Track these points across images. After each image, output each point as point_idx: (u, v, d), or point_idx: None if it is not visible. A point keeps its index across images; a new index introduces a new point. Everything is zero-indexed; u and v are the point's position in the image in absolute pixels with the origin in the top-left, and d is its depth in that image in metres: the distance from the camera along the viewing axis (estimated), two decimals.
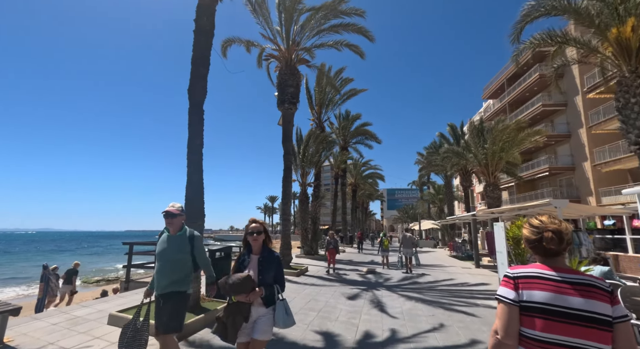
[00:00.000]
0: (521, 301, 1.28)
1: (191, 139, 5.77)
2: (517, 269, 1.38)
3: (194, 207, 5.58)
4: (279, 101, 12.17)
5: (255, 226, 2.58)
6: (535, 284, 1.29)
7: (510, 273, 1.38)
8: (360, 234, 23.56)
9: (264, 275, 2.44)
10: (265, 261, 2.49)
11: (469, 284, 9.26)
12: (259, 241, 2.54)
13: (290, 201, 11.71)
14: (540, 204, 10.13)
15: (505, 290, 1.34)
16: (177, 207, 3.05)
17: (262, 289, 2.38)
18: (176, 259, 2.91)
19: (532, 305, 1.26)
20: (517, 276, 1.34)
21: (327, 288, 8.13)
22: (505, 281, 1.37)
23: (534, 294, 1.27)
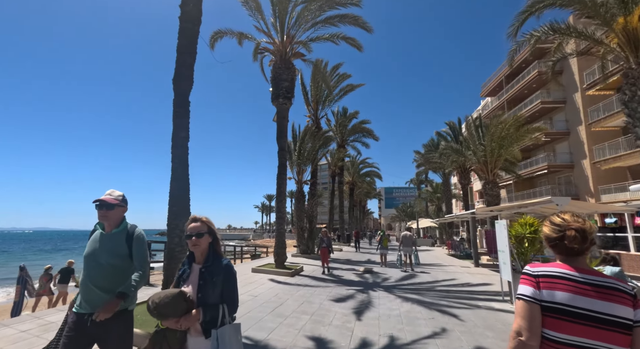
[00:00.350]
0: (542, 301, 1.24)
1: (176, 132, 5.41)
2: (538, 268, 1.32)
3: (179, 204, 5.23)
4: (273, 95, 11.80)
5: (195, 226, 1.91)
6: (558, 284, 1.24)
7: (532, 271, 1.32)
8: (357, 233, 23.08)
9: (205, 292, 1.80)
10: (209, 273, 1.84)
11: (469, 284, 8.97)
12: (200, 245, 1.88)
13: (285, 199, 11.36)
14: (541, 202, 9.84)
15: (528, 288, 1.28)
16: (115, 195, 2.31)
17: (199, 312, 1.75)
18: (111, 266, 2.14)
19: (553, 305, 1.21)
20: (539, 275, 1.29)
21: (322, 289, 7.81)
22: (527, 279, 1.31)
23: (556, 295, 1.22)
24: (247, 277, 9.43)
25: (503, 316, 5.53)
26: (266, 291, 7.36)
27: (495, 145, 16.12)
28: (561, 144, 25.72)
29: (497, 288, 8.30)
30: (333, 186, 26.31)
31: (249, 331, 4.54)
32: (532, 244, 6.33)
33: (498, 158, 16.65)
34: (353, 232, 25.27)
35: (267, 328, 4.71)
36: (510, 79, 31.22)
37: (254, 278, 9.22)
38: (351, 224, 32.53)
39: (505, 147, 16.17)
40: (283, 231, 11.06)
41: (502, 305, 6.32)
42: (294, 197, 16.84)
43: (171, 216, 5.12)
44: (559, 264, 1.32)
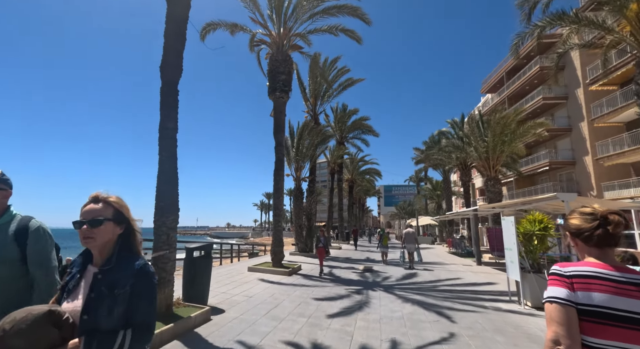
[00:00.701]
0: (578, 304, 1.13)
1: (163, 123, 5.05)
2: (570, 267, 1.20)
3: (166, 199, 4.88)
4: (269, 89, 11.43)
5: (91, 210, 1.25)
6: (594, 285, 1.13)
7: (564, 271, 1.20)
8: (355, 231, 22.72)
9: (96, 310, 1.16)
10: (108, 281, 1.20)
11: (473, 283, 8.66)
12: (97, 239, 1.22)
13: (283, 196, 11.03)
14: (546, 198, 9.52)
15: (561, 290, 1.16)
16: None
17: (80, 344, 1.09)
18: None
19: (591, 309, 1.11)
20: (572, 275, 1.18)
21: (320, 289, 7.49)
22: (558, 280, 1.20)
23: (593, 296, 1.12)
24: (243, 276, 9.10)
25: (512, 318, 5.22)
26: (262, 292, 7.03)
27: (497, 140, 15.81)
28: (563, 140, 25.43)
29: (502, 287, 8.00)
30: (332, 184, 25.95)
31: (240, 336, 4.21)
32: (542, 242, 6.01)
33: (500, 154, 16.34)
34: (352, 230, 24.74)
35: (260, 332, 4.38)
36: (511, 75, 30.89)
37: (250, 277, 8.89)
38: (350, 222, 32.23)
39: (508, 143, 15.86)
40: (280, 229, 10.72)
41: (509, 306, 6.00)
42: (292, 194, 16.48)
43: (158, 212, 4.77)
44: (591, 263, 1.20)
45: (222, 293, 6.71)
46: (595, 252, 1.24)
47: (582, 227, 1.26)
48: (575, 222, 1.29)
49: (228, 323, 4.75)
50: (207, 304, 5.53)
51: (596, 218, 1.23)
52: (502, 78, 31.88)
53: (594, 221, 1.23)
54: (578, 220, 1.29)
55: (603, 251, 1.22)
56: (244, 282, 8.18)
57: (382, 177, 37.42)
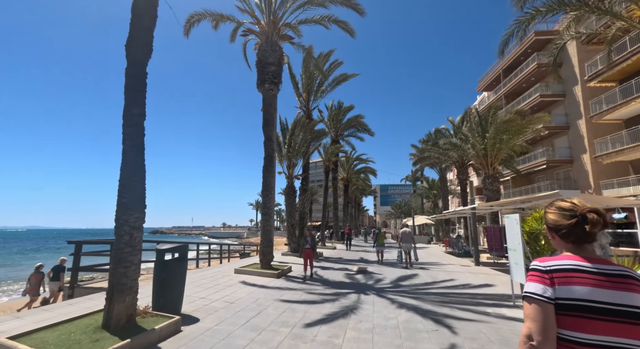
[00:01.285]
0: (557, 299, 1.10)
1: (128, 108, 4.46)
2: (549, 262, 1.17)
3: (130, 194, 4.28)
4: (258, 81, 10.85)
5: None
6: (575, 278, 1.11)
7: (542, 266, 1.17)
8: (349, 230, 21.74)
9: None
10: None
11: (471, 285, 8.15)
12: None
13: (273, 194, 10.44)
14: (548, 196, 9.10)
15: (539, 286, 1.13)
16: None
17: None
18: None
19: (572, 303, 1.08)
20: (551, 270, 1.14)
21: (309, 293, 6.93)
22: (537, 276, 1.16)
23: (574, 290, 1.09)
24: (229, 279, 8.52)
25: (519, 327, 4.71)
26: (245, 296, 6.46)
27: (496, 138, 15.36)
28: (560, 138, 25.14)
29: (503, 289, 7.51)
30: (327, 182, 25.38)
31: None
32: (550, 242, 5.50)
33: (498, 151, 15.91)
34: (345, 229, 23.82)
35: (234, 346, 3.82)
36: (507, 72, 30.59)
37: (235, 280, 8.31)
38: (346, 222, 31.69)
39: (506, 141, 15.43)
40: (270, 228, 10.14)
41: (514, 312, 5.49)
42: (285, 193, 15.93)
43: (120, 209, 4.18)
44: (570, 256, 1.18)
45: (201, 299, 6.13)
46: (573, 247, 1.22)
47: (559, 224, 1.24)
48: (553, 217, 1.27)
49: (200, 335, 4.18)
50: (180, 313, 4.96)
51: (574, 215, 1.21)
52: (499, 76, 31.57)
53: (572, 218, 1.21)
54: (556, 215, 1.26)
55: (581, 246, 1.21)
56: (228, 285, 7.60)
57: (377, 176, 36.88)
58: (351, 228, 22.87)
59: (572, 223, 1.20)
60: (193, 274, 9.23)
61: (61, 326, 3.89)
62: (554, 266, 1.15)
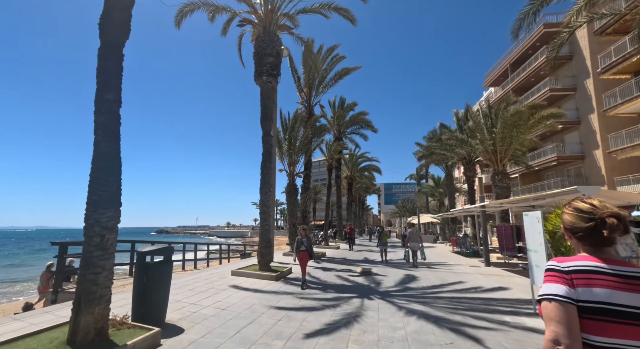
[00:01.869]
0: (579, 301, 1.04)
1: (100, 93, 3.96)
2: (568, 262, 1.11)
3: (102, 190, 3.78)
4: (256, 73, 10.34)
5: None
6: (595, 280, 1.06)
7: (562, 267, 1.11)
8: (351, 229, 20.21)
9: None
10: None
11: (484, 288, 7.58)
12: None
13: (272, 191, 9.95)
14: (565, 192, 8.48)
15: (560, 287, 1.07)
16: None
17: None
18: None
19: (593, 306, 1.03)
20: (571, 270, 1.09)
21: (308, 299, 6.41)
22: (556, 276, 1.10)
23: (596, 293, 1.04)
24: (224, 282, 8.03)
25: None
26: (239, 302, 5.96)
27: (506, 132, 14.70)
28: (571, 134, 24.33)
29: (519, 293, 6.92)
30: (330, 180, 24.83)
31: None
32: None
33: (508, 147, 15.24)
34: (346, 228, 21.91)
35: None
36: (515, 67, 29.77)
37: (231, 283, 7.82)
38: (350, 221, 31.12)
39: (516, 136, 14.77)
40: (268, 228, 9.63)
41: (536, 321, 4.92)
42: (286, 191, 15.44)
43: (90, 207, 3.69)
44: (590, 258, 1.13)
45: (190, 305, 5.64)
46: (591, 249, 1.17)
47: (576, 226, 1.19)
48: (570, 218, 1.22)
49: (186, 347, 3.69)
50: (163, 322, 4.47)
51: (593, 219, 1.16)
52: (506, 70, 30.75)
53: (589, 221, 1.16)
54: (573, 217, 1.21)
55: (599, 248, 1.16)
56: (223, 289, 7.11)
57: (382, 174, 36.21)
58: (353, 227, 21.15)
59: (590, 227, 1.15)
60: (188, 276, 8.77)
61: (22, 341, 3.41)
62: (574, 267, 1.10)
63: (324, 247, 19.98)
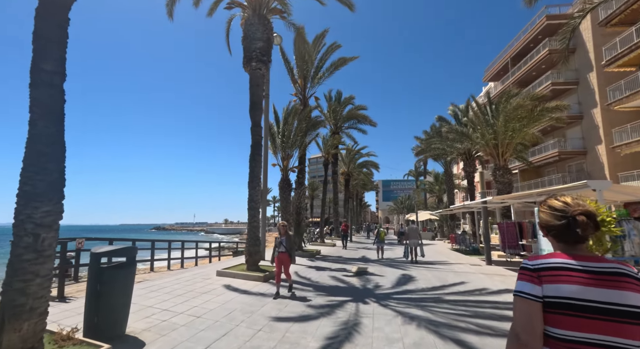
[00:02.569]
0: (545, 297, 1.10)
1: (37, 63, 3.28)
2: (537, 261, 1.17)
3: (38, 179, 3.12)
4: (244, 59, 9.64)
5: None
6: (562, 277, 1.10)
7: (530, 265, 1.17)
8: (346, 226, 18.81)
9: None
10: None
11: (489, 290, 6.98)
12: None
13: (260, 185, 9.29)
14: (574, 186, 7.92)
15: (527, 285, 1.14)
16: None
17: None
18: None
19: (559, 301, 1.07)
20: (539, 268, 1.14)
21: (296, 304, 5.79)
22: (526, 275, 1.16)
23: (561, 289, 1.08)
24: (207, 283, 7.40)
25: None
26: (218, 308, 5.32)
27: (508, 126, 14.10)
28: (572, 129, 23.79)
29: None
30: (326, 176, 24.17)
31: None
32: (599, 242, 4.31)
33: (510, 141, 14.65)
34: (341, 225, 20.37)
35: None
36: (516, 60, 29.15)
37: (215, 285, 7.19)
38: (347, 218, 30.54)
39: (519, 129, 14.16)
40: (257, 224, 8.99)
41: None
42: (279, 186, 14.79)
43: (21, 200, 3.04)
44: (560, 255, 1.17)
45: (161, 312, 5.00)
46: (565, 246, 1.20)
47: (550, 224, 1.23)
48: (544, 217, 1.26)
49: None
50: (121, 335, 3.83)
51: (565, 217, 1.18)
52: (507, 64, 30.14)
53: (562, 219, 1.19)
54: (547, 215, 1.24)
55: (573, 245, 1.19)
56: (203, 292, 6.48)
57: (379, 170, 35.57)
58: (349, 224, 19.60)
59: (563, 224, 1.18)
60: (170, 277, 8.13)
61: None
62: (542, 265, 1.14)
63: (320, 245, 19.38)
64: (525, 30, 27.27)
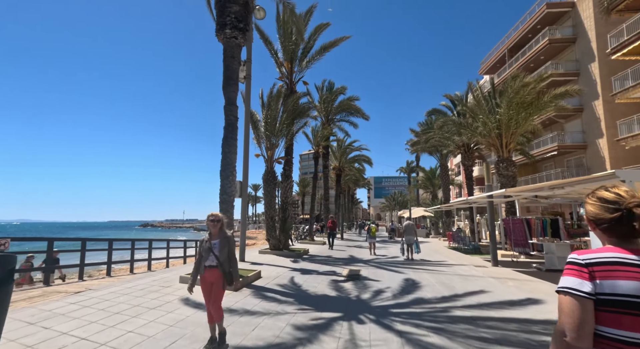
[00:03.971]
0: (598, 294, 1.01)
1: None
2: (588, 254, 1.07)
3: None
4: (217, 25, 8.15)
5: None
6: (620, 272, 1.01)
7: (581, 259, 1.07)
8: (333, 223, 15.91)
9: None
10: None
11: (508, 301, 5.74)
12: None
13: (235, 175, 7.86)
14: (600, 176, 6.74)
15: (576, 281, 1.04)
16: None
17: None
18: None
19: (616, 299, 0.99)
20: (591, 263, 1.05)
21: (269, 324, 4.42)
22: (575, 270, 1.07)
23: (618, 285, 0.99)
24: (163, 294, 5.95)
25: None
26: (160, 334, 3.91)
27: (513, 113, 12.96)
28: (572, 122, 22.98)
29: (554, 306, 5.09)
30: (316, 170, 22.77)
31: None
32: None
33: (515, 131, 13.52)
34: (327, 222, 16.80)
35: None
36: (513, 52, 28.19)
37: (171, 296, 5.75)
38: (333, 213, 29.24)
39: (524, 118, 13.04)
40: (230, 222, 7.56)
41: None
42: (263, 179, 13.36)
43: None
44: (613, 249, 1.07)
45: (73, 344, 3.57)
46: (617, 241, 1.10)
47: (600, 217, 1.12)
48: (593, 210, 1.15)
49: None
50: None
51: (619, 209, 1.08)
52: (504, 56, 29.18)
53: (615, 212, 1.09)
54: (596, 208, 1.14)
55: (627, 239, 1.09)
56: (152, 307, 5.04)
57: (372, 164, 34.28)
58: (335, 220, 16.41)
59: (615, 217, 1.08)
60: (119, 285, 6.65)
61: None
62: (595, 259, 1.06)
63: (309, 243, 18.05)
64: (523, 20, 26.30)
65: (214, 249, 3.51)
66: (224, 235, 3.61)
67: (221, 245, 3.53)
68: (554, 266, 9.00)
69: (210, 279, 3.49)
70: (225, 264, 3.50)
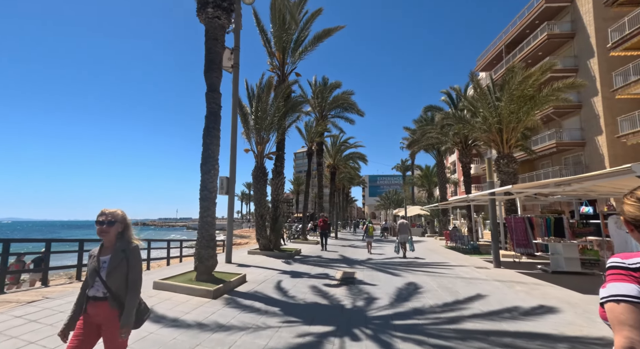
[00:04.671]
0: None
1: None
2: (635, 259, 0.96)
3: None
4: (198, 4, 7.40)
5: None
6: None
7: (628, 263, 0.96)
8: (324, 222, 14.65)
9: None
10: None
11: (521, 310, 5.12)
12: None
13: (217, 169, 7.12)
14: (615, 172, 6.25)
15: (631, 286, 0.92)
16: None
17: None
18: None
19: None
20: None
21: (251, 336, 3.73)
22: (625, 275, 0.96)
23: None
24: None
25: None
26: None
27: (514, 107, 12.41)
28: (570, 119, 22.60)
29: (577, 319, 4.50)
30: (310, 167, 22.07)
31: None
32: None
33: (516, 125, 12.98)
34: (318, 221, 15.69)
35: None
36: (511, 48, 27.74)
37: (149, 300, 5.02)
38: (331, 213, 28.60)
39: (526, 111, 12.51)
40: (211, 220, 6.83)
41: None
42: (253, 175, 12.63)
43: None
44: None
45: None
46: None
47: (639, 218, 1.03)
48: (632, 210, 1.07)
49: None
50: None
51: None
52: (501, 52, 28.73)
53: None
54: (636, 208, 1.05)
55: None
56: None
57: (368, 162, 33.68)
58: (327, 219, 14.98)
59: None
60: None
61: None
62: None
63: (302, 243, 17.38)
64: (522, 15, 25.87)
65: (100, 271, 2.08)
66: (122, 247, 2.13)
67: (113, 263, 2.08)
68: (560, 267, 8.45)
69: (96, 318, 2.05)
70: (121, 293, 2.06)
